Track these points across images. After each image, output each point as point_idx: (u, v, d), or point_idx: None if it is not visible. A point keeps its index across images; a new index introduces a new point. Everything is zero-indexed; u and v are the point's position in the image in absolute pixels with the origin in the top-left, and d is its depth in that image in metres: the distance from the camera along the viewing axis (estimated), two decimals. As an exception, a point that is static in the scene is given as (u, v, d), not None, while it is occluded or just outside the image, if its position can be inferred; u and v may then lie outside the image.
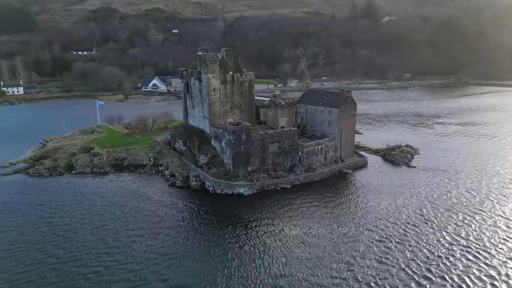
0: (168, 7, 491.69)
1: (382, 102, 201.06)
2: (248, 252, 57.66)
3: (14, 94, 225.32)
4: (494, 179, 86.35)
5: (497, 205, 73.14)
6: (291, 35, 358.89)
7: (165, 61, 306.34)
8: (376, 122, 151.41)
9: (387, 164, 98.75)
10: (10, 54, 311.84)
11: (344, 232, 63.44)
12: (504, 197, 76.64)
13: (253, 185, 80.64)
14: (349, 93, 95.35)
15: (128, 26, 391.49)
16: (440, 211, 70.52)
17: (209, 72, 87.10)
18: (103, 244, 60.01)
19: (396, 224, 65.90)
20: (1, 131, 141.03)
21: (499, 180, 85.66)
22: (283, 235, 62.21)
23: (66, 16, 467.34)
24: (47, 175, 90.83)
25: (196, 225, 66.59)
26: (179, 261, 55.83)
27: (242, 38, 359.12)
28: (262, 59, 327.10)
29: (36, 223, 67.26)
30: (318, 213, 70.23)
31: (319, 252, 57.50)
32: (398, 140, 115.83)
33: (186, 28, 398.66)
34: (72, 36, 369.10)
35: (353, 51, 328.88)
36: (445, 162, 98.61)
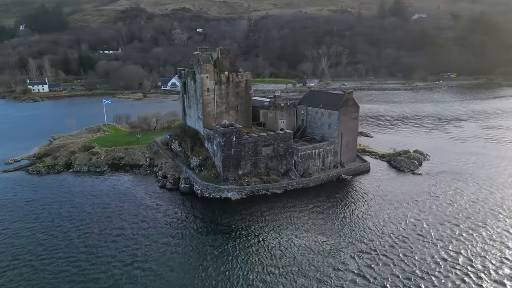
0: (195, 7, 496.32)
1: (402, 104, 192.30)
2: (225, 261, 55.22)
3: (39, 92, 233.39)
4: (508, 191, 79.30)
5: (505, 220, 66.69)
6: (314, 34, 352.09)
7: (187, 60, 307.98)
8: (391, 124, 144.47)
9: (391, 170, 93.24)
10: (40, 53, 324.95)
11: (330, 243, 59.68)
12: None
13: (242, 190, 77.99)
14: (351, 94, 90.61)
15: (153, 25, 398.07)
16: (438, 225, 65.16)
17: (202, 72, 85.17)
18: (81, 243, 59.48)
19: (385, 237, 61.38)
20: (16, 127, 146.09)
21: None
22: (264, 245, 59.21)
23: (97, 16, 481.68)
24: (44, 173, 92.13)
25: (176, 229, 64.74)
26: (151, 265, 54.31)
27: (264, 37, 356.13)
28: (284, 58, 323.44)
29: (21, 220, 67.82)
30: (305, 222, 66.62)
31: (296, 263, 54.24)
32: (411, 144, 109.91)
33: (211, 27, 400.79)
34: (100, 36, 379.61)
35: (378, 50, 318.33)
36: (456, 170, 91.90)
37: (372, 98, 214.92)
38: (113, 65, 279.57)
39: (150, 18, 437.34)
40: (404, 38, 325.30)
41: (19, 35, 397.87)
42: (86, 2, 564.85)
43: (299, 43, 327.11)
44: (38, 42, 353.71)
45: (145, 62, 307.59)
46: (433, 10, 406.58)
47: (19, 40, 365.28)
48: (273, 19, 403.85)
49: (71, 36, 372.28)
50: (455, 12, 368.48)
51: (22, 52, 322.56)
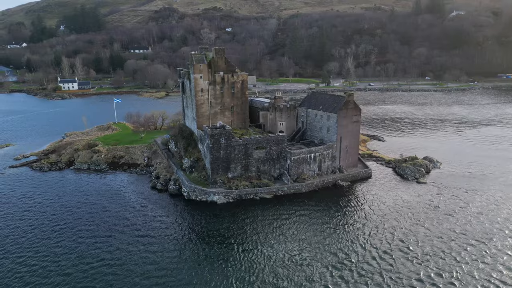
0: (226, 6, 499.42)
1: (427, 106, 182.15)
2: (193, 268, 53.65)
3: (69, 89, 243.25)
4: (518, 205, 72.08)
5: (506, 240, 60.25)
6: (343, 33, 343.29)
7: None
8: (408, 127, 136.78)
9: (394, 178, 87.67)
10: (75, 52, 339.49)
11: (306, 255, 56.48)
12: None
13: (229, 193, 76.02)
14: (351, 97, 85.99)
15: (183, 25, 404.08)
16: (428, 239, 60.01)
17: (195, 72, 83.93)
18: (53, 241, 60.06)
19: (367, 250, 57.30)
20: (39, 123, 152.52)
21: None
22: (240, 254, 56.95)
23: (132, 16, 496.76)
24: (47, 169, 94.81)
25: (154, 232, 63.83)
26: (120, 267, 53.84)
27: (292, 36, 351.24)
28: (310, 58, 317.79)
29: (7, 214, 69.71)
30: (287, 230, 63.68)
31: (265, 273, 51.66)
32: (425, 149, 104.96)
33: (240, 26, 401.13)
34: (133, 35, 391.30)
35: (409, 49, 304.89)
36: (466, 179, 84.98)
37: (397, 99, 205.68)
38: (141, 64, 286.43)
39: (182, 18, 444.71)
40: (438, 36, 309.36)
41: (58, 35, 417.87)
42: (123, 3, 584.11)
43: (327, 42, 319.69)
44: (74, 41, 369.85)
45: (172, 61, 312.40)
46: (473, 6, 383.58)
47: (57, 40, 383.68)
48: (302, 17, 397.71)
49: (105, 36, 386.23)
50: (496, 8, 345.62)
51: (59, 51, 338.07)
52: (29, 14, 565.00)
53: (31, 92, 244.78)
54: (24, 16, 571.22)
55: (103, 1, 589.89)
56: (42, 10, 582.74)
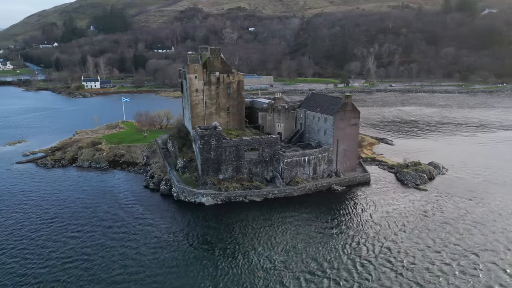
0: (250, 6, 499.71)
1: (447, 108, 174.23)
2: (169, 267, 53.37)
3: (91, 88, 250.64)
4: (523, 217, 67.04)
5: (500, 254, 56.06)
6: (367, 32, 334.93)
7: (232, 59, 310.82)
8: (422, 130, 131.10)
9: (394, 183, 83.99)
10: (101, 52, 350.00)
11: (285, 261, 54.85)
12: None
13: (218, 195, 75.21)
14: (349, 98, 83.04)
15: (206, 25, 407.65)
16: (418, 250, 56.70)
17: (190, 72, 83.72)
18: (38, 238, 61.28)
19: (347, 260, 54.70)
20: (56, 120, 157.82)
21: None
22: (219, 257, 55.76)
23: (158, 16, 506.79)
24: (50, 166, 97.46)
25: (136, 230, 63.88)
26: (99, 266, 54.16)
27: (314, 35, 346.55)
28: (331, 57, 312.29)
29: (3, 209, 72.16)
30: (272, 236, 61.74)
31: (239, 280, 50.43)
32: (434, 154, 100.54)
33: (263, 26, 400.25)
34: (157, 35, 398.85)
35: (436, 48, 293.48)
36: (470, 186, 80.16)
37: (416, 101, 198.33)
38: (162, 63, 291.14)
39: (206, 18, 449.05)
40: (467, 35, 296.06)
41: (87, 35, 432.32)
42: (151, 4, 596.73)
43: (349, 42, 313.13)
44: (101, 41, 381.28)
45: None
46: (507, 4, 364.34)
47: (85, 40, 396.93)
48: (325, 17, 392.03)
49: (131, 36, 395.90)
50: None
51: (86, 51, 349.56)
52: (63, 15, 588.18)
53: (56, 91, 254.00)
54: (58, 17, 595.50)
55: (132, 2, 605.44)
56: (75, 11, 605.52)
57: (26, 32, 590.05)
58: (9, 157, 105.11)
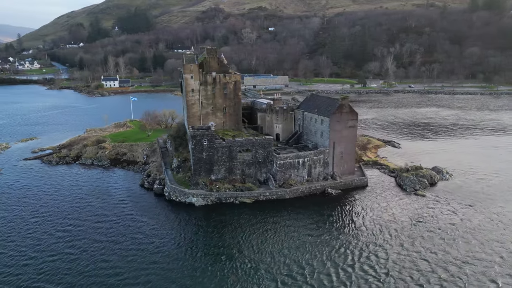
0: (271, 5, 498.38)
1: (465, 110, 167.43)
2: (145, 266, 53.47)
3: (110, 87, 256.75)
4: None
5: (489, 265, 53.01)
6: (388, 31, 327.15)
7: (249, 59, 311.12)
8: (432, 133, 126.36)
9: (393, 188, 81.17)
10: (123, 51, 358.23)
11: (264, 262, 54.20)
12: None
13: (208, 196, 74.97)
14: (345, 100, 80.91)
15: (226, 25, 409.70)
16: (402, 259, 54.35)
17: (186, 72, 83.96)
18: (30, 231, 62.99)
19: (326, 269, 52.84)
20: (71, 118, 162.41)
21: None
22: (198, 261, 55.04)
23: (180, 17, 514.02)
24: (55, 163, 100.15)
25: (121, 229, 64.37)
26: (79, 260, 55.26)
27: (333, 34, 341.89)
28: (350, 57, 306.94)
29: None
30: (257, 239, 60.63)
31: (216, 282, 50.02)
32: (441, 158, 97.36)
33: (283, 25, 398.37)
34: (178, 35, 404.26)
35: (460, 48, 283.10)
36: (473, 193, 76.45)
37: (434, 102, 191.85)
38: (180, 63, 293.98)
39: (226, 18, 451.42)
40: (494, 35, 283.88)
41: (111, 35, 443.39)
42: (174, 4, 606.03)
43: (369, 41, 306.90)
44: (124, 41, 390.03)
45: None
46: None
47: (109, 40, 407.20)
48: (346, 16, 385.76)
49: (152, 36, 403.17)
50: None
51: (109, 51, 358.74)
52: (90, 16, 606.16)
53: (77, 89, 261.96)
54: (85, 18, 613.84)
55: (156, 3, 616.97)
56: (101, 12, 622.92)
57: (55, 33, 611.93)
58: (18, 154, 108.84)
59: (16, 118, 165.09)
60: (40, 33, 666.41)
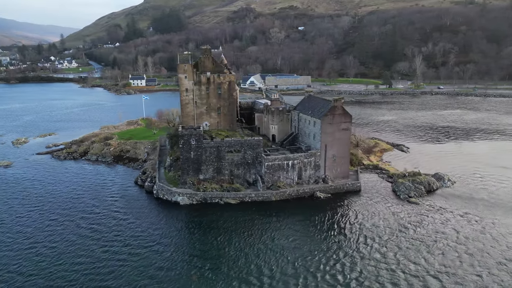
0: (303, 4, 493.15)
1: (492, 113, 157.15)
2: (118, 264, 54.78)
3: (137, 85, 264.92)
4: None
5: (468, 278, 49.48)
6: (421, 30, 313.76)
7: (274, 59, 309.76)
8: (447, 137, 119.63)
9: (387, 194, 77.73)
10: (154, 51, 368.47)
11: (234, 264, 54.02)
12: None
13: (194, 195, 75.39)
14: (338, 102, 78.39)
15: (255, 24, 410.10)
16: (377, 275, 51.68)
17: (180, 72, 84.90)
18: (19, 221, 66.35)
19: (296, 274, 51.72)
20: (93, 114, 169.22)
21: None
22: (167, 260, 55.32)
23: (212, 17, 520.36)
24: (63, 158, 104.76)
25: (104, 224, 66.23)
26: (56, 250, 57.75)
27: (362, 33, 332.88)
28: (379, 57, 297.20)
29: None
30: (234, 242, 59.95)
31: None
32: (447, 164, 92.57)
33: (313, 25, 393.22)
34: (208, 35, 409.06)
35: (499, 48, 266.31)
36: (474, 203, 71.71)
37: (462, 105, 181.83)
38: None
39: (256, 18, 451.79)
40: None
41: (145, 35, 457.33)
42: (208, 5, 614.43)
43: (399, 41, 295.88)
44: (155, 41, 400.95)
45: (237, 60, 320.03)
46: None
47: (142, 40, 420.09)
48: (378, 14, 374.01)
49: (183, 36, 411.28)
50: None
51: (141, 50, 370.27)
52: (128, 17, 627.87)
53: (106, 87, 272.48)
54: (124, 19, 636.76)
55: (191, 4, 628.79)
56: (139, 13, 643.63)
57: (96, 33, 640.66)
58: (33, 148, 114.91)
59: (43, 115, 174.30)
60: (83, 33, 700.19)
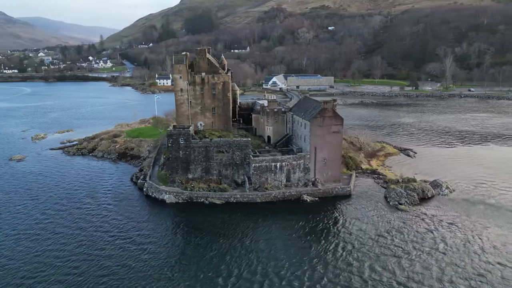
0: (335, 4, 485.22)
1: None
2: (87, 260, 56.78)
3: (163, 85, 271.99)
4: (501, 260, 54.11)
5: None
6: (456, 29, 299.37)
7: (300, 59, 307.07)
8: (462, 142, 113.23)
9: (377, 200, 74.80)
10: (183, 51, 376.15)
11: (204, 265, 53.88)
12: None
13: (180, 194, 76.37)
14: (328, 104, 76.44)
15: (284, 24, 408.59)
16: (339, 279, 50.34)
17: (175, 72, 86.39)
18: (12, 212, 70.34)
19: (262, 279, 50.98)
20: (110, 112, 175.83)
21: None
22: (140, 257, 55.96)
23: (244, 17, 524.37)
24: (72, 154, 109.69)
25: (89, 219, 68.47)
26: (41, 241, 60.13)
27: (391, 33, 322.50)
28: (409, 57, 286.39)
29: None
30: (208, 244, 59.40)
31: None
32: (453, 171, 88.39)
33: (343, 24, 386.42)
34: (237, 35, 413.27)
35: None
36: (468, 213, 67.32)
37: (488, 108, 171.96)
38: (230, 63, 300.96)
39: (286, 17, 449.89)
40: None
41: (177, 36, 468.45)
42: (241, 5, 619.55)
43: (430, 40, 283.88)
44: (186, 42, 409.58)
45: (263, 60, 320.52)
46: None
47: (173, 41, 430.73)
48: (411, 13, 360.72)
49: (212, 36, 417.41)
50: None
51: (171, 51, 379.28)
52: (164, 18, 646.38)
53: (134, 86, 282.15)
54: (160, 20, 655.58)
55: (224, 5, 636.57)
56: (174, 14, 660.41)
57: (134, 34, 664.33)
58: (48, 144, 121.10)
59: (68, 112, 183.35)
60: (121, 34, 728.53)
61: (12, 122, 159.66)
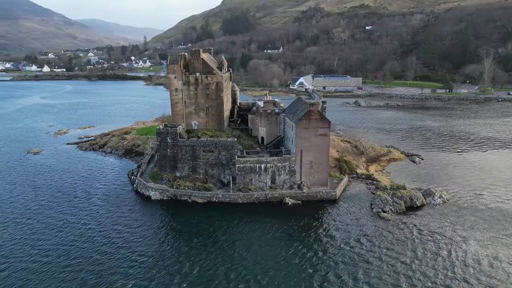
0: (375, 2, 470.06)
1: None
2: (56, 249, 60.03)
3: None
4: (480, 276, 50.13)
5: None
6: (502, 29, 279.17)
7: (331, 60, 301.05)
8: (477, 150, 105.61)
9: (362, 207, 71.89)
10: (217, 52, 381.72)
11: (170, 264, 54.88)
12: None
13: (165, 191, 78.10)
14: (314, 106, 74.52)
15: (320, 24, 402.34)
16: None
17: (170, 72, 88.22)
18: (9, 201, 75.66)
19: (227, 283, 51.36)
20: (133, 110, 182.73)
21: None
22: (96, 256, 57.66)
23: (281, 17, 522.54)
24: (84, 149, 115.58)
25: (75, 212, 72.06)
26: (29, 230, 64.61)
27: (435, 33, 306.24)
28: (447, 58, 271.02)
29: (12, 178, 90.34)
30: (184, 243, 60.27)
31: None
32: (457, 179, 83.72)
33: (381, 24, 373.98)
34: (271, 36, 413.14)
35: None
36: (458, 223, 63.07)
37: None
38: (260, 63, 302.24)
39: (323, 17, 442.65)
40: None
41: (214, 37, 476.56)
42: (280, 5, 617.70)
43: (471, 40, 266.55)
44: (221, 42, 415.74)
45: (294, 61, 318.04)
46: None
47: (210, 41, 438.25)
48: (455, 11, 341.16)
49: (247, 37, 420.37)
50: None
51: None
52: (205, 19, 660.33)
53: (166, 86, 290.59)
54: (201, 21, 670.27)
55: (264, 5, 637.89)
56: (214, 15, 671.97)
57: (175, 35, 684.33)
58: (67, 139, 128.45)
59: (97, 109, 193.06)
60: (164, 35, 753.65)
61: (44, 117, 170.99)
